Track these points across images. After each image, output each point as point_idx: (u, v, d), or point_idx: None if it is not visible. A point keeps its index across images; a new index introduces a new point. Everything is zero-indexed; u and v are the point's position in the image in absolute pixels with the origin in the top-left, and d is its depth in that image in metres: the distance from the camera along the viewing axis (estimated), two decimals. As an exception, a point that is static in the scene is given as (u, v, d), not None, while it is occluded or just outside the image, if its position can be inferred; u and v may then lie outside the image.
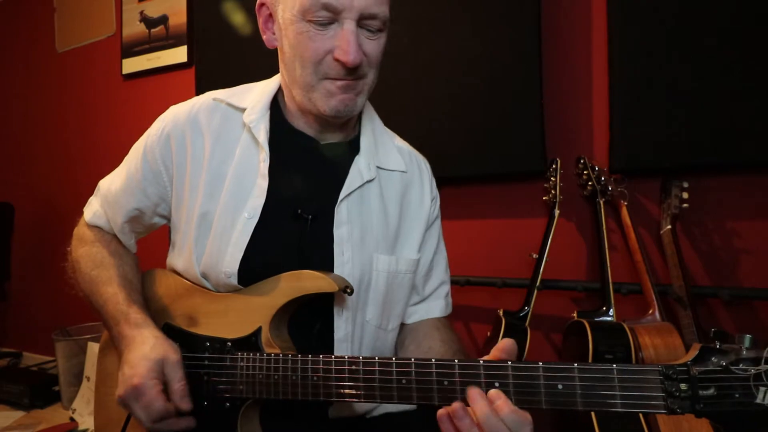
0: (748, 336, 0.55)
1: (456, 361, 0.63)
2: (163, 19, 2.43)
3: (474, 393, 0.61)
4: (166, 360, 0.74)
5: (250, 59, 2.01)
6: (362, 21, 0.75)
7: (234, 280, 0.80)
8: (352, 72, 0.76)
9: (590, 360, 1.22)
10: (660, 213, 1.45)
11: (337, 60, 0.75)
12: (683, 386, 0.55)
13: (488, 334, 1.55)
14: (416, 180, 0.96)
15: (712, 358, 0.55)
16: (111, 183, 0.94)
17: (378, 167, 0.90)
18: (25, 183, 2.97)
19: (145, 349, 0.74)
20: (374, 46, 0.78)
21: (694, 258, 1.47)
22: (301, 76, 0.78)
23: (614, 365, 0.58)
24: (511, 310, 1.49)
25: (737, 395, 0.54)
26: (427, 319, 0.96)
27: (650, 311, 1.35)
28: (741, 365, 0.54)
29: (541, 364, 0.60)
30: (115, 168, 0.96)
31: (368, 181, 0.87)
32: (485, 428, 0.58)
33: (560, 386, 0.59)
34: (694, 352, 0.57)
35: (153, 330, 0.78)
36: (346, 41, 0.73)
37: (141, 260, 0.96)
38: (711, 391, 0.55)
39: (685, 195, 1.40)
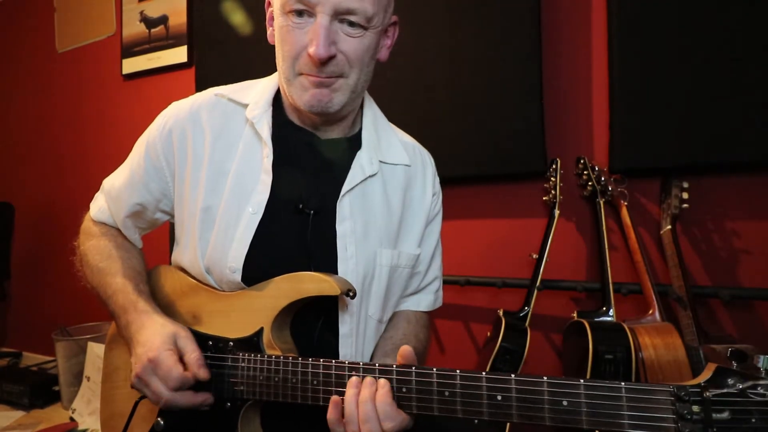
0: (767, 357, 0.52)
1: (458, 371, 0.63)
2: (163, 19, 2.43)
3: (361, 380, 0.67)
4: (178, 334, 0.76)
5: (250, 59, 2.01)
6: (339, 15, 0.74)
7: (238, 275, 0.80)
8: (323, 68, 0.76)
9: (590, 361, 1.22)
10: (660, 213, 1.45)
11: (308, 55, 0.75)
12: (695, 408, 0.52)
13: (488, 334, 1.55)
14: (419, 174, 0.97)
15: (728, 380, 0.52)
16: (115, 179, 0.94)
17: (381, 162, 0.90)
18: (25, 183, 2.97)
19: (155, 327, 0.76)
20: (354, 44, 0.76)
21: (694, 258, 1.47)
22: (282, 70, 0.81)
23: (623, 383, 0.55)
24: (511, 310, 1.49)
25: (753, 420, 0.51)
26: (410, 310, 0.99)
27: (650, 311, 1.35)
28: (759, 389, 0.51)
29: (545, 378, 0.58)
30: (115, 167, 0.97)
31: (370, 176, 0.87)
32: (360, 411, 0.64)
33: (565, 402, 0.57)
34: (708, 373, 0.54)
35: (161, 315, 0.80)
36: (315, 34, 0.73)
37: (145, 257, 0.97)
38: (725, 415, 0.52)
39: (685, 195, 1.40)
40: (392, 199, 0.90)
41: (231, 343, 0.78)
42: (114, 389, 0.90)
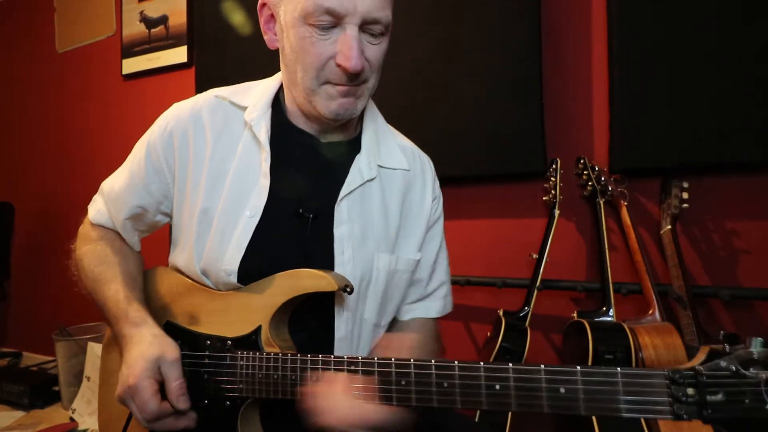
0: (759, 339, 0.52)
1: (456, 362, 0.63)
2: (163, 19, 2.43)
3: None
4: (163, 358, 0.74)
5: (250, 59, 2.01)
6: (365, 26, 0.74)
7: (234, 279, 0.80)
8: (354, 78, 0.76)
9: (590, 360, 1.22)
10: (660, 213, 1.45)
11: (339, 66, 0.75)
12: (690, 391, 0.53)
13: (488, 334, 1.55)
14: (419, 179, 0.96)
15: (721, 363, 0.53)
16: (114, 181, 0.93)
17: (379, 166, 0.90)
18: (25, 183, 2.97)
19: (143, 347, 0.74)
20: (376, 50, 0.78)
21: (694, 258, 1.47)
22: (302, 79, 0.78)
23: (618, 369, 0.56)
24: (511, 310, 1.49)
25: (747, 401, 0.52)
26: (420, 318, 0.97)
27: (650, 311, 1.35)
28: (751, 369, 0.52)
29: (543, 366, 0.59)
30: (115, 168, 0.96)
31: (369, 180, 0.87)
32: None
33: (562, 390, 0.57)
34: (702, 356, 0.55)
35: (152, 328, 0.78)
36: (348, 47, 0.73)
37: (143, 259, 0.96)
38: (719, 397, 0.53)
39: (685, 195, 1.40)
40: (390, 203, 0.90)
41: (229, 342, 0.78)
42: (111, 392, 0.89)
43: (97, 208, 0.95)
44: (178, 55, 2.40)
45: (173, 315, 0.85)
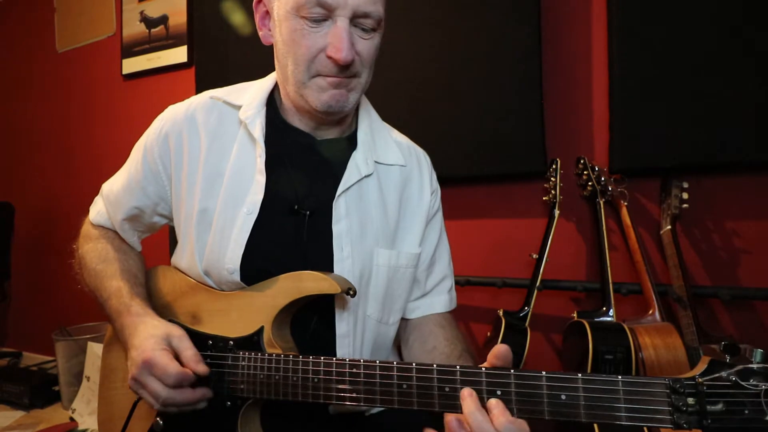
0: (760, 350, 0.53)
1: (458, 367, 0.63)
2: (163, 19, 2.43)
3: (464, 393, 0.60)
4: (171, 334, 0.75)
5: (249, 59, 2.01)
6: (356, 19, 0.76)
7: (237, 276, 0.80)
8: (344, 70, 0.77)
9: (590, 360, 1.22)
10: (660, 213, 1.45)
11: (329, 57, 0.76)
12: (690, 400, 0.53)
13: (488, 334, 1.55)
14: (415, 173, 0.96)
15: (722, 373, 0.54)
16: (113, 183, 0.95)
17: (376, 162, 0.90)
18: (25, 183, 2.97)
19: (149, 329, 0.76)
20: (367, 45, 0.79)
21: (694, 258, 1.47)
22: (293, 72, 0.79)
23: (620, 377, 0.56)
24: (511, 310, 1.49)
25: (746, 411, 0.52)
26: (430, 315, 0.96)
27: (650, 311, 1.35)
28: (751, 380, 0.52)
29: (544, 373, 0.59)
30: (114, 168, 0.98)
31: (366, 176, 0.87)
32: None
33: (563, 396, 0.57)
34: (702, 366, 0.55)
35: (154, 317, 0.79)
36: (338, 39, 0.74)
37: (145, 259, 0.97)
38: (719, 407, 0.53)
39: (685, 195, 1.40)
40: (388, 199, 0.90)
41: (231, 342, 0.78)
42: (112, 390, 0.90)
43: (97, 209, 0.97)
44: (178, 55, 2.39)
45: (175, 314, 0.85)
